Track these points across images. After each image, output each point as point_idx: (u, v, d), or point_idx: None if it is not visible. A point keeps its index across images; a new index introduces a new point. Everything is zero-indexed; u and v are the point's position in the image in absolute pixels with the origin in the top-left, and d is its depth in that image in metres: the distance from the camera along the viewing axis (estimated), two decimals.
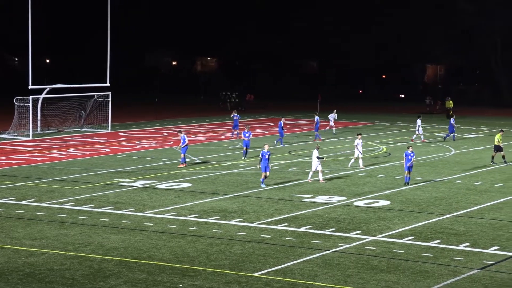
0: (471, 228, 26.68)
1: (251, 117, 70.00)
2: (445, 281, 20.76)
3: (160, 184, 34.64)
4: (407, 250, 23.84)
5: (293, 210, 29.45)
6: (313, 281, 20.64)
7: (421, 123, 52.37)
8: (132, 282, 20.51)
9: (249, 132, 43.04)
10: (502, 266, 22.23)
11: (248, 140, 42.54)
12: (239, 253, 23.30)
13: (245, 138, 42.58)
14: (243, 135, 42.77)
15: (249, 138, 42.61)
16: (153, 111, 69.07)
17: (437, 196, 32.37)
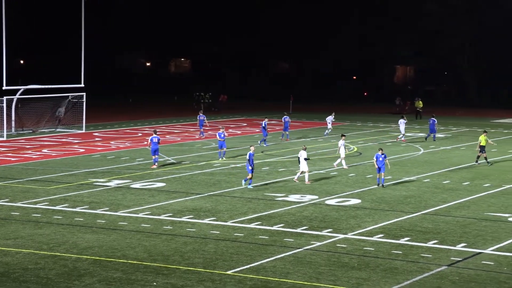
0: (439, 226, 26.87)
1: (224, 118, 69.94)
2: (414, 277, 20.89)
3: (134, 184, 34.50)
4: (378, 247, 23.95)
5: (266, 209, 29.48)
6: (286, 279, 20.67)
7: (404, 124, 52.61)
8: (106, 280, 20.42)
9: (224, 133, 42.67)
10: (469, 263, 22.41)
11: (223, 141, 42.26)
12: (213, 252, 23.28)
13: (220, 139, 42.12)
14: (218, 136, 42.34)
15: (224, 139, 42.33)
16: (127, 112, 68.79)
17: (407, 194, 32.56)
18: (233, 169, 39.03)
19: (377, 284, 20.27)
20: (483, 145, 40.62)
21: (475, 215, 28.60)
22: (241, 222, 27.17)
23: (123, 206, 29.73)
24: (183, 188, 33.78)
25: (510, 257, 22.89)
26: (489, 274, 21.25)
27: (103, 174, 37.26)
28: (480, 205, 30.45)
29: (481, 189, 33.92)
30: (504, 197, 32.17)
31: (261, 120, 67.48)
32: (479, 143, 40.80)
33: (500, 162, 42.35)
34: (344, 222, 27.24)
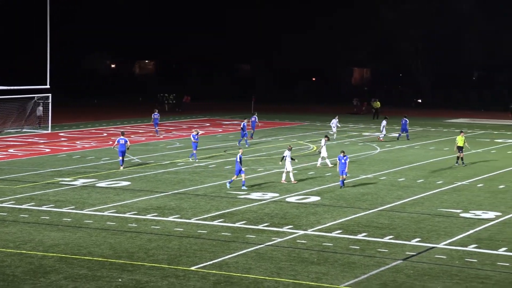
0: (395, 222, 27.10)
1: (188, 118, 69.78)
2: (371, 271, 21.05)
3: (99, 183, 34.28)
4: (336, 243, 24.09)
5: (229, 206, 29.48)
6: (248, 274, 20.71)
7: (386, 124, 52.82)
8: (72, 277, 20.27)
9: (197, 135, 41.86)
10: (423, 257, 22.64)
11: (197, 142, 41.35)
12: (177, 248, 23.23)
13: (194, 140, 41.12)
14: (193, 138, 41.28)
15: (197, 140, 41.75)
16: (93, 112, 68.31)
17: (364, 192, 32.79)
18: (196, 168, 38.97)
19: (336, 278, 20.39)
20: (460, 145, 40.20)
21: (428, 211, 28.91)
22: (204, 220, 27.14)
23: (88, 204, 29.53)
24: (148, 186, 33.64)
25: (462, 251, 23.19)
26: (441, 268, 21.50)
27: (69, 173, 36.96)
28: (433, 202, 30.79)
29: (434, 186, 34.29)
30: (456, 194, 32.58)
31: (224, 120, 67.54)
32: (457, 144, 40.41)
33: (451, 160, 42.81)
34: (304, 219, 27.35)
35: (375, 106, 72.40)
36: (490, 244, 23.97)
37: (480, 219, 27.62)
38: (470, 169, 39.20)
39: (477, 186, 34.47)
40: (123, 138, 38.75)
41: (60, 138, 52.79)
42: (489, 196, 32.16)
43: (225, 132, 57.28)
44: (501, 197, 31.86)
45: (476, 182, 35.47)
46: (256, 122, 53.25)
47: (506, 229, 26.03)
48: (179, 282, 19.93)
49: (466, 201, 30.88)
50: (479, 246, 23.77)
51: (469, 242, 24.18)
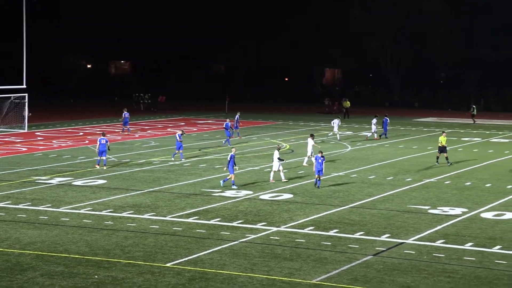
0: (365, 218, 27.25)
1: (163, 117, 69.61)
2: (342, 267, 21.16)
3: (76, 181, 34.12)
4: (308, 239, 24.19)
5: (203, 204, 29.48)
6: (222, 270, 20.74)
7: (376, 122, 53.04)
8: (49, 274, 20.17)
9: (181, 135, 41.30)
10: (393, 252, 22.80)
11: (181, 141, 40.84)
12: (152, 245, 23.20)
13: (179, 139, 40.66)
14: (178, 137, 40.80)
15: (181, 140, 41.13)
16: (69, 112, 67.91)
17: (335, 189, 32.93)
18: (171, 167, 38.91)
19: (308, 274, 20.48)
20: (443, 145, 39.79)
21: (398, 208, 29.10)
22: (179, 217, 27.12)
23: (65, 202, 29.38)
24: (124, 185, 33.53)
25: (430, 247, 23.38)
26: (410, 263, 21.67)
27: (45, 172, 36.73)
28: (402, 198, 31.00)
29: (403, 183, 34.53)
30: (425, 191, 32.83)
31: (198, 120, 67.47)
32: (439, 144, 40.01)
33: (420, 158, 43.17)
34: (277, 216, 27.42)
35: (345, 106, 72.78)
36: (457, 240, 24.20)
37: (448, 215, 27.86)
38: (437, 167, 39.50)
39: (444, 183, 34.76)
40: (104, 138, 38.48)
41: (37, 137, 52.42)
42: (456, 193, 32.45)
43: (199, 131, 57.23)
44: (467, 194, 32.16)
45: (443, 179, 35.77)
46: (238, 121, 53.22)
47: (472, 225, 26.29)
48: (154, 279, 19.91)
49: (434, 198, 31.13)
50: (446, 241, 23.98)
51: (436, 238, 24.39)
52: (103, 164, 38.04)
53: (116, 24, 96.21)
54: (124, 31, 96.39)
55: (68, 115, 67.25)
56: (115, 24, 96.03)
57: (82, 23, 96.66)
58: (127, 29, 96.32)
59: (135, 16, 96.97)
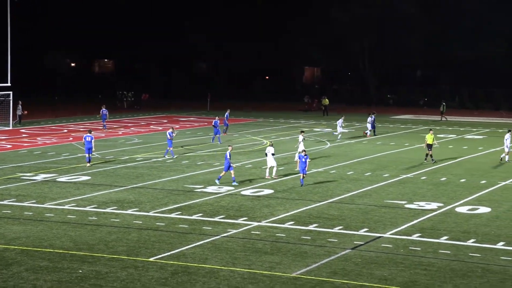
0: (344, 213, 27.33)
1: (146, 115, 69.41)
2: (321, 260, 21.21)
3: (60, 178, 33.92)
4: (289, 233, 24.21)
5: (186, 199, 29.42)
6: (204, 264, 20.71)
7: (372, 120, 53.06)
8: (33, 269, 20.04)
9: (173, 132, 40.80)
10: (371, 246, 22.89)
11: (171, 139, 40.41)
12: (136, 240, 23.12)
13: (169, 137, 40.26)
14: (169, 135, 40.42)
15: (172, 137, 40.60)
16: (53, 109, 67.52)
17: (315, 185, 32.97)
18: (154, 163, 38.81)
19: (288, 267, 20.51)
20: (429, 143, 39.40)
21: (375, 203, 29.21)
22: (162, 212, 27.06)
23: (49, 198, 29.21)
24: (108, 181, 33.40)
25: (406, 240, 23.49)
26: (387, 256, 21.76)
27: (30, 168, 36.50)
28: (380, 194, 31.12)
29: (381, 179, 34.66)
30: (401, 186, 32.98)
31: (180, 117, 67.33)
32: (426, 142, 39.60)
33: (397, 154, 43.37)
34: (258, 211, 27.43)
35: (324, 103, 72.98)
36: (432, 233, 24.33)
37: (424, 209, 28.01)
38: (414, 162, 39.68)
39: (420, 179, 34.94)
40: (89, 136, 38.18)
41: (21, 134, 52.07)
42: (432, 188, 32.63)
43: (182, 128, 57.09)
44: (443, 189, 32.35)
45: (419, 175, 35.96)
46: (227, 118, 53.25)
47: (447, 219, 26.45)
48: (138, 273, 19.85)
49: (411, 193, 31.28)
50: (422, 235, 24.11)
51: (413, 232, 24.51)
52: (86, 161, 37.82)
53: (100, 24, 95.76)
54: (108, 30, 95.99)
55: (53, 112, 66.83)
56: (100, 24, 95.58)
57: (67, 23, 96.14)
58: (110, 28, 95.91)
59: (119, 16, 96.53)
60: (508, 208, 28.46)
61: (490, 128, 61.58)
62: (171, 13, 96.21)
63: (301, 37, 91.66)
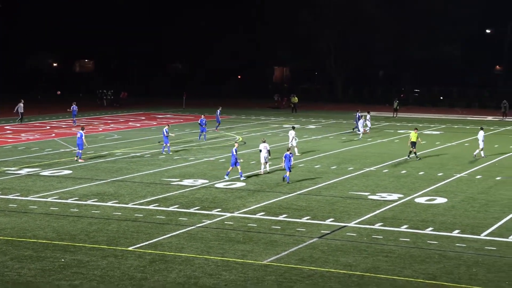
0: (311, 204, 27.43)
1: (125, 112, 69.00)
2: (290, 248, 21.28)
3: (43, 172, 33.64)
4: (260, 224, 24.26)
5: (163, 192, 29.34)
6: (180, 253, 20.69)
7: (370, 118, 52.87)
8: (18, 258, 19.88)
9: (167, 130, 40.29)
10: (336, 235, 23.01)
11: (167, 136, 39.90)
12: (115, 231, 23.02)
13: (166, 134, 39.81)
14: (165, 132, 39.90)
15: (168, 135, 40.06)
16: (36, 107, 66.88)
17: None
18: (133, 158, 38.63)
19: (259, 255, 20.55)
20: (413, 141, 38.63)
21: (341, 194, 29.36)
22: (140, 204, 26.96)
23: (33, 191, 28.96)
24: (88, 175, 33.18)
25: (369, 229, 23.66)
26: (352, 244, 21.89)
27: (14, 163, 36.14)
28: (345, 186, 31.28)
29: (345, 172, 34.83)
30: (365, 179, 33.18)
31: (158, 114, 67.03)
32: (410, 139, 38.90)
33: (361, 149, 43.60)
34: (231, 203, 27.44)
35: (293, 101, 73.11)
36: (393, 223, 24.52)
37: (385, 200, 28.21)
38: (376, 157, 39.95)
39: (383, 172, 35.17)
40: (80, 132, 37.80)
41: (6, 130, 51.50)
42: (393, 180, 32.86)
43: (159, 125, 56.83)
44: (403, 181, 32.60)
45: (382, 168, 36.20)
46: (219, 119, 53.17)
47: (407, 209, 26.67)
48: (117, 261, 19.77)
49: (374, 185, 31.48)
50: (384, 224, 24.29)
51: (375, 221, 24.68)
52: (76, 156, 37.45)
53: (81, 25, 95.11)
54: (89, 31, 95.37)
55: (36, 110, 66.17)
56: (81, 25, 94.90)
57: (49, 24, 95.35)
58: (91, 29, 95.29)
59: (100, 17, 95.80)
60: (462, 198, 28.79)
61: (446, 124, 62.16)
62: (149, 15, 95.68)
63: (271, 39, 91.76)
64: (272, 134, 51.59)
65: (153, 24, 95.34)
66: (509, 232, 23.33)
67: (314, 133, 52.78)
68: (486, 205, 27.44)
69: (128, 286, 17.82)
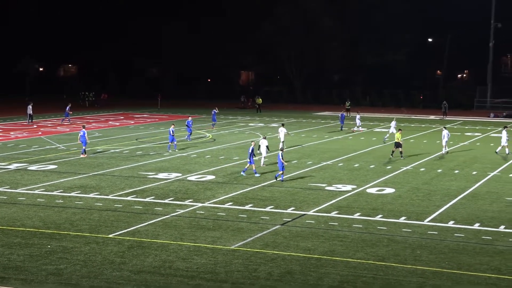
0: (274, 195, 27.48)
1: (105, 112, 68.34)
2: (255, 235, 21.31)
3: (31, 167, 33.17)
4: (228, 212, 24.25)
5: (140, 184, 29.14)
6: (156, 239, 20.59)
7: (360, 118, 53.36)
8: (8, 245, 19.60)
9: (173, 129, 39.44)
10: (297, 222, 23.10)
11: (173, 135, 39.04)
12: (97, 220, 22.82)
13: (172, 134, 38.99)
14: (172, 132, 38.93)
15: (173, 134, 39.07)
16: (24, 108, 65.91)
17: (250, 171, 33.01)
18: (112, 154, 38.29)
19: (228, 241, 20.55)
20: (399, 141, 37.49)
21: (301, 186, 29.46)
22: (120, 196, 26.74)
23: (21, 184, 28.54)
24: (72, 169, 32.81)
25: (326, 217, 23.79)
26: (311, 230, 22.01)
27: (4, 159, 35.56)
28: (304, 178, 31.39)
29: (305, 166, 34.96)
30: (322, 172, 33.34)
31: (135, 114, 66.51)
32: (396, 139, 37.73)
33: (319, 145, 43.80)
34: (202, 194, 27.37)
35: (258, 102, 73.17)
36: (347, 211, 24.70)
37: (341, 191, 28.39)
38: (332, 152, 40.16)
39: (338, 165, 35.38)
40: (82, 131, 37.38)
41: None
42: (347, 173, 33.08)
43: (136, 124, 56.44)
44: (356, 174, 32.85)
45: (337, 162, 36.41)
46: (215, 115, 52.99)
47: (360, 199, 26.88)
48: (99, 247, 19.61)
49: (330, 177, 31.64)
50: (339, 212, 24.45)
51: (332, 209, 24.83)
52: (81, 152, 36.92)
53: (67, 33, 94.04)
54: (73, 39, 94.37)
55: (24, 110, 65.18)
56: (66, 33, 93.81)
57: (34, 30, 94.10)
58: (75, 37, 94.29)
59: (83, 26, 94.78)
60: (408, 189, 29.12)
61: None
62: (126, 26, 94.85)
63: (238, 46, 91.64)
64: (239, 132, 51.56)
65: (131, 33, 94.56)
66: (448, 218, 23.69)
67: (276, 130, 52.82)
68: (429, 195, 27.79)
69: (108, 269, 17.69)
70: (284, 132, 40.23)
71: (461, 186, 29.71)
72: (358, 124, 53.32)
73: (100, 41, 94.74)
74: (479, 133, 52.93)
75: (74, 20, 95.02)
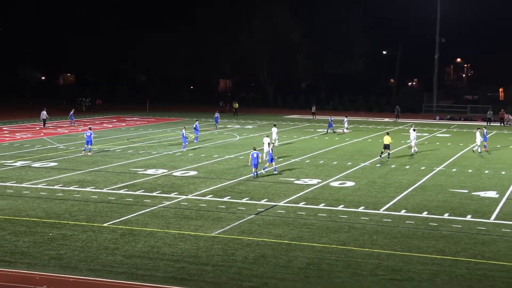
0: (249, 188, 27.52)
1: (100, 116, 67.78)
2: (233, 223, 21.39)
3: (34, 164, 32.83)
4: (209, 204, 24.28)
5: (131, 179, 29.03)
6: (145, 228, 20.57)
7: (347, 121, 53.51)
8: (14, 233, 19.45)
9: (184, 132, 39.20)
10: (269, 212, 23.21)
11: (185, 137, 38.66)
12: (93, 210, 22.71)
13: (185, 135, 38.50)
14: (184, 133, 38.66)
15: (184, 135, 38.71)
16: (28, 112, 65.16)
17: (228, 167, 33.09)
18: (107, 152, 38.04)
19: (209, 229, 20.60)
20: (387, 143, 36.34)
21: (273, 180, 29.55)
22: (113, 189, 26.62)
23: (26, 179, 28.26)
24: (71, 166, 32.55)
25: (295, 207, 23.92)
26: (281, 219, 22.13)
27: (11, 157, 35.15)
28: (276, 173, 31.48)
29: (276, 163, 34.87)
30: (291, 167, 33.49)
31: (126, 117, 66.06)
32: (384, 142, 36.58)
33: (288, 145, 43.95)
34: (186, 187, 27.35)
35: (235, 107, 73.19)
36: (314, 202, 24.87)
37: (307, 184, 28.55)
38: (300, 150, 40.33)
39: (305, 162, 35.55)
40: (89, 131, 37.02)
41: (3, 131, 50.03)
42: (313, 168, 33.26)
43: (127, 126, 56.08)
44: (321, 169, 33.05)
45: (305, 159, 36.58)
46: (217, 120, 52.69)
47: (324, 191, 27.07)
48: (95, 235, 19.54)
49: (298, 172, 31.78)
50: (306, 203, 24.61)
51: (300, 201, 24.98)
52: (88, 151, 36.62)
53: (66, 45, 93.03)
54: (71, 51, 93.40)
55: (27, 114, 64.46)
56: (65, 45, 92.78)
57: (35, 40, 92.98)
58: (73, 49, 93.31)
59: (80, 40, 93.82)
60: (366, 182, 29.41)
61: (354, 124, 63.18)
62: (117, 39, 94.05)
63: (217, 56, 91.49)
64: (218, 132, 51.51)
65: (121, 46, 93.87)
66: (401, 208, 24.01)
67: (251, 131, 52.94)
68: (384, 187, 28.10)
69: (103, 254, 17.65)
70: (276, 131, 40.48)
71: (412, 179, 30.10)
72: (346, 126, 53.64)
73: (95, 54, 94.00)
74: (427, 133, 53.60)
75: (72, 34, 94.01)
